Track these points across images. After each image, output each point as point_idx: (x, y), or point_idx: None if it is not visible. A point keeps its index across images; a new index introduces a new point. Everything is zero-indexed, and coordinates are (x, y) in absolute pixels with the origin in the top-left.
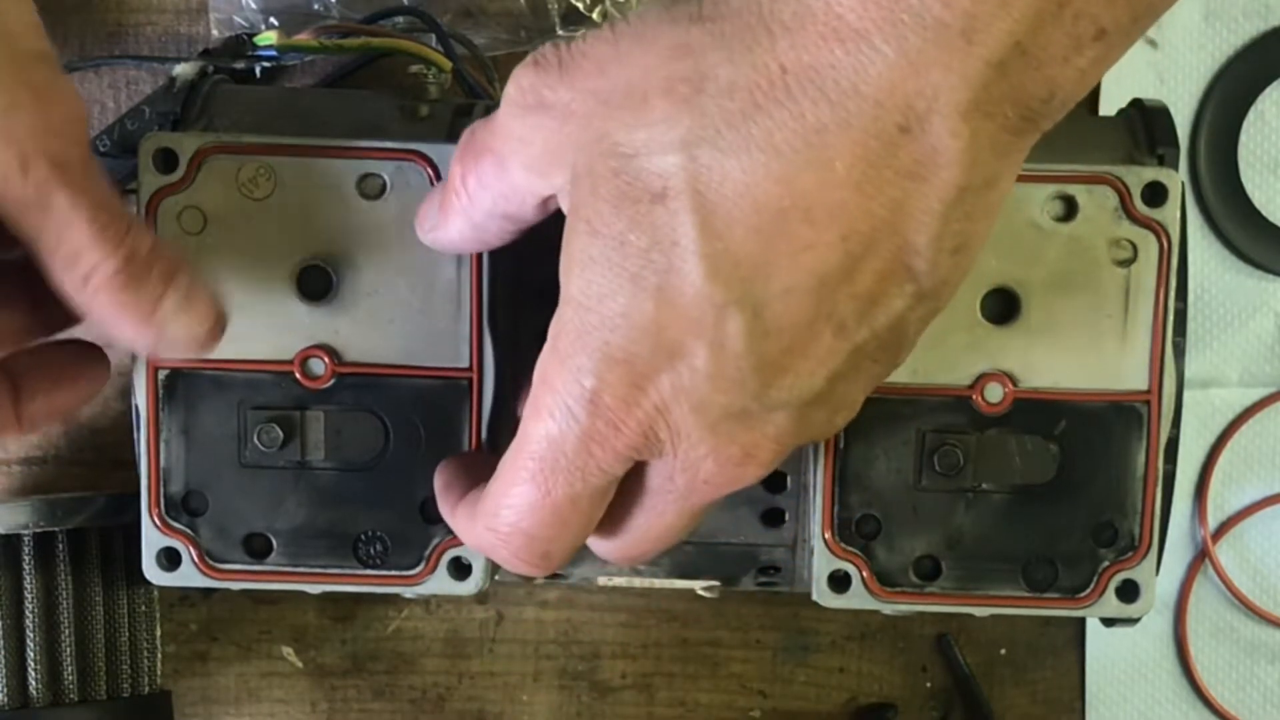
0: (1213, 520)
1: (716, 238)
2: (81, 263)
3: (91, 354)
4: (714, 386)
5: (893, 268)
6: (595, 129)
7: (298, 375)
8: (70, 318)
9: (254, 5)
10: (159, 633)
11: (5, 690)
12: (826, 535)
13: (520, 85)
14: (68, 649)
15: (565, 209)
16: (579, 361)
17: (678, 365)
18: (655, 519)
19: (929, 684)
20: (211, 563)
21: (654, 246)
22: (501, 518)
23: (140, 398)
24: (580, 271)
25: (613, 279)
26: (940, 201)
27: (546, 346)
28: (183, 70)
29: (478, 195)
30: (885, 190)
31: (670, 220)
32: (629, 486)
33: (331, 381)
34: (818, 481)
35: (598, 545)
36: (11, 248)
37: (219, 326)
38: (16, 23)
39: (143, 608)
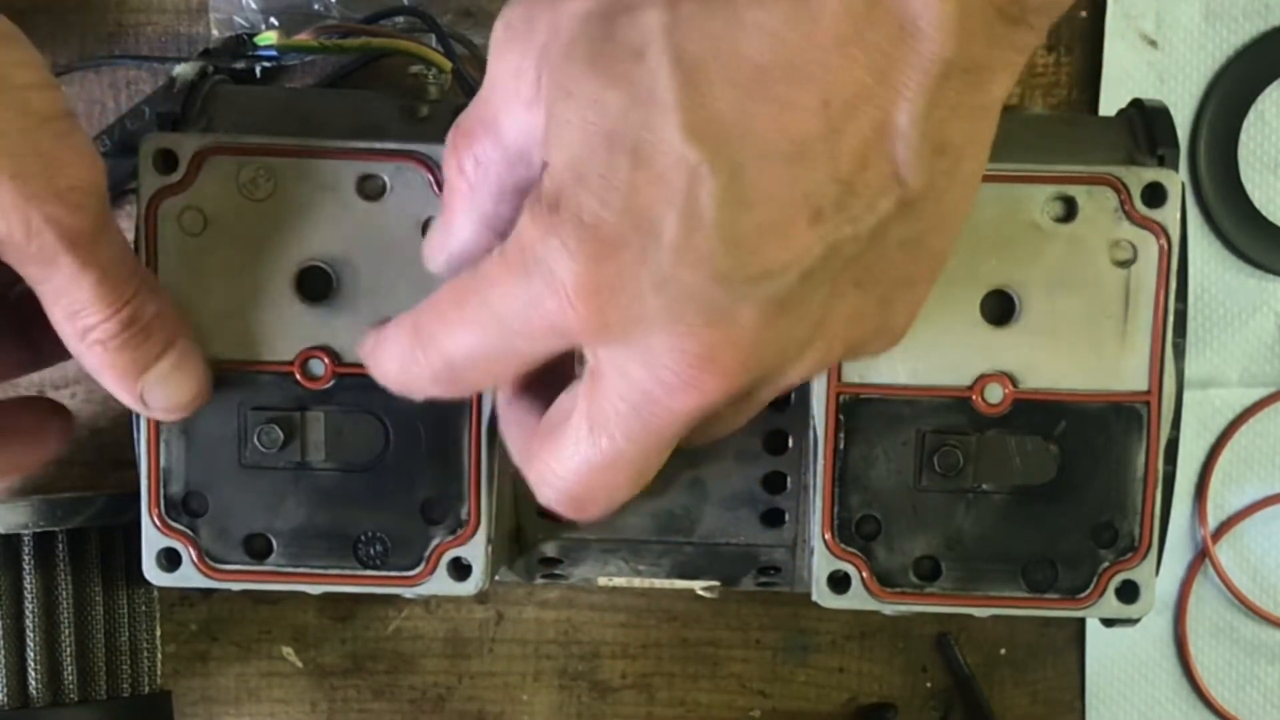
0: (1213, 520)
1: (696, 93)
2: (81, 319)
3: (58, 413)
4: (679, 258)
5: (874, 150)
6: (572, 8)
7: (298, 376)
8: (60, 355)
9: (254, 5)
10: (159, 633)
11: (5, 690)
12: (826, 536)
13: (509, 21)
14: (68, 649)
15: None
16: (548, 221)
17: (644, 235)
18: (606, 442)
19: (929, 684)
20: (211, 563)
21: (631, 105)
22: (436, 341)
23: None
24: (556, 137)
25: (587, 139)
26: (925, 73)
27: (523, 212)
28: (183, 70)
29: (479, 178)
30: (868, 53)
31: (649, 77)
32: (575, 404)
33: (331, 382)
34: (817, 482)
35: (542, 486)
36: (9, 285)
37: (200, 399)
38: (28, 85)
39: (143, 608)
